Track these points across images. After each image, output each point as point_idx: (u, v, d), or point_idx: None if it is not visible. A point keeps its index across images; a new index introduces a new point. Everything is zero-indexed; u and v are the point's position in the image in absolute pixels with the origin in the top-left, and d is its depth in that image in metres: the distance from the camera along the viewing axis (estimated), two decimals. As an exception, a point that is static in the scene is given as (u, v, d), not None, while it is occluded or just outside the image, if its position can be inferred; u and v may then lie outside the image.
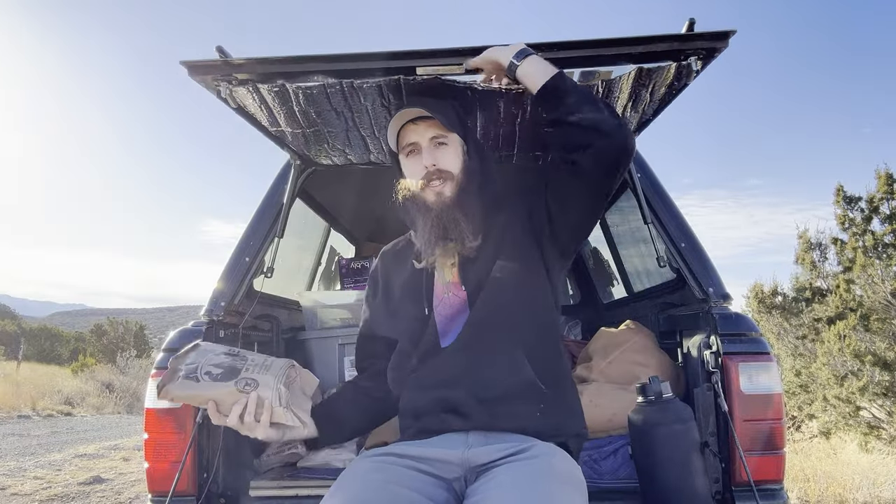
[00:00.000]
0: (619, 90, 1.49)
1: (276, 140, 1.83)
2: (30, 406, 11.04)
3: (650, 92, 1.51)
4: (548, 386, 1.31)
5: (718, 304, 1.70)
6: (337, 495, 1.12)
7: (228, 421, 1.26)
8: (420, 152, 1.40)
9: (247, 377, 1.28)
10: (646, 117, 1.69)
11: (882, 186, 5.70)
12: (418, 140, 1.40)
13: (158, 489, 1.60)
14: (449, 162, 1.40)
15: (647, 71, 1.38)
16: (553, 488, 1.09)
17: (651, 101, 1.58)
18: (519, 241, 1.41)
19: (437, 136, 1.39)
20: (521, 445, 1.23)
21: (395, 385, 1.45)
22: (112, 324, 23.77)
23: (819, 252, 6.31)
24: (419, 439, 1.31)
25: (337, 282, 3.37)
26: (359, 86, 1.43)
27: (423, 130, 1.39)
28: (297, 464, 1.83)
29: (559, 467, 1.18)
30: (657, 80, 1.44)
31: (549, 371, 1.34)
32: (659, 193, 1.93)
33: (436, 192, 1.38)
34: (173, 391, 1.26)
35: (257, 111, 1.59)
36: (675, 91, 1.51)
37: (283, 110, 1.57)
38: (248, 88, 1.44)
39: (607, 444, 1.74)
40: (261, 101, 1.51)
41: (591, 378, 1.97)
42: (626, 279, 2.95)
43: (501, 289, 1.36)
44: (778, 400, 1.56)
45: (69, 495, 4.61)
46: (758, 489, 1.48)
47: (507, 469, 1.17)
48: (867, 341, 5.29)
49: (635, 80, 1.44)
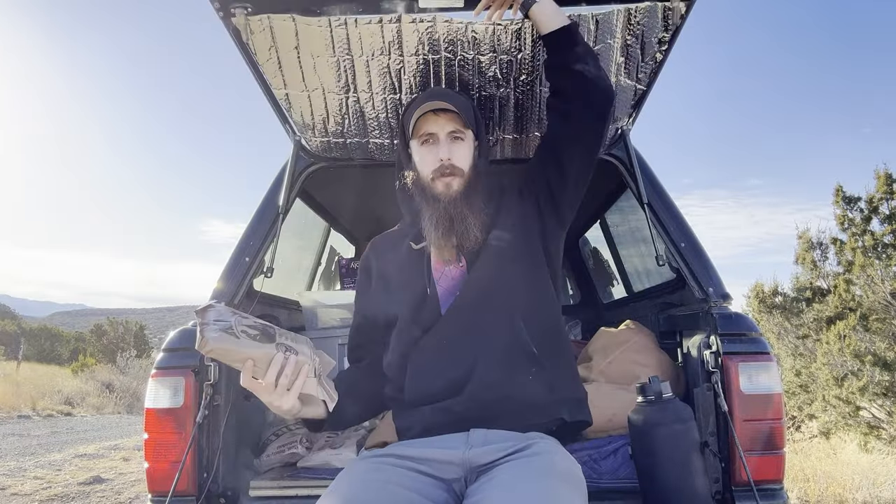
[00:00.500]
0: (613, 38, 1.54)
1: (280, 111, 1.88)
2: (30, 406, 11.04)
3: (641, 46, 1.58)
4: (543, 353, 1.35)
5: (718, 304, 1.70)
6: (334, 495, 1.12)
7: (265, 380, 1.17)
8: (437, 143, 1.44)
9: (284, 343, 1.23)
10: (640, 88, 1.73)
11: (881, 186, 5.71)
12: (437, 131, 1.44)
13: (158, 489, 1.60)
14: (462, 158, 1.45)
15: (634, 14, 1.48)
16: (553, 487, 1.09)
17: (643, 61, 1.63)
18: (517, 212, 1.48)
19: (455, 131, 1.44)
20: (522, 444, 1.23)
21: (396, 362, 1.42)
22: (112, 324, 23.77)
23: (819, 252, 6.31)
24: (420, 438, 1.31)
25: (337, 282, 3.37)
26: (363, 26, 1.51)
27: (444, 123, 1.43)
28: (297, 464, 1.83)
29: (559, 465, 1.18)
30: (646, 28, 1.51)
31: (545, 340, 1.38)
32: (659, 193, 1.93)
33: (445, 184, 1.43)
34: (212, 343, 1.15)
35: (267, 61, 1.64)
36: (664, 47, 1.57)
37: (291, 56, 1.62)
38: (261, 20, 1.50)
39: (607, 443, 1.74)
40: (271, 41, 1.57)
41: (591, 378, 1.97)
42: (626, 279, 2.95)
43: (499, 254, 1.41)
44: (778, 400, 1.56)
45: (69, 495, 4.61)
46: (758, 489, 1.48)
47: (508, 468, 1.17)
48: (867, 341, 5.29)
49: (624, 28, 1.51)
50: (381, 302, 1.51)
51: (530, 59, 1.63)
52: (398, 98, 1.76)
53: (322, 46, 1.59)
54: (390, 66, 1.65)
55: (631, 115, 1.90)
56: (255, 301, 1.93)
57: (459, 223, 1.40)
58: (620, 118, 1.90)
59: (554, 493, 1.07)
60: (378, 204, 3.10)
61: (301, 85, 1.74)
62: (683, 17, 1.48)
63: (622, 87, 1.72)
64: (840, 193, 5.97)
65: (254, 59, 1.65)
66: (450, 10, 1.48)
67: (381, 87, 1.73)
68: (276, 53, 1.62)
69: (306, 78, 1.71)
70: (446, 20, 1.52)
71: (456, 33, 1.55)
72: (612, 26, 1.51)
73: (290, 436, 1.92)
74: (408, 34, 1.54)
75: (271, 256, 1.94)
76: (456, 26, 1.53)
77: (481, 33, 1.54)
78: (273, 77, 1.72)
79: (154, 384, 1.64)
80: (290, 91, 1.77)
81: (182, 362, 1.65)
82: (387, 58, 1.62)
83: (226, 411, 1.68)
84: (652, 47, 1.58)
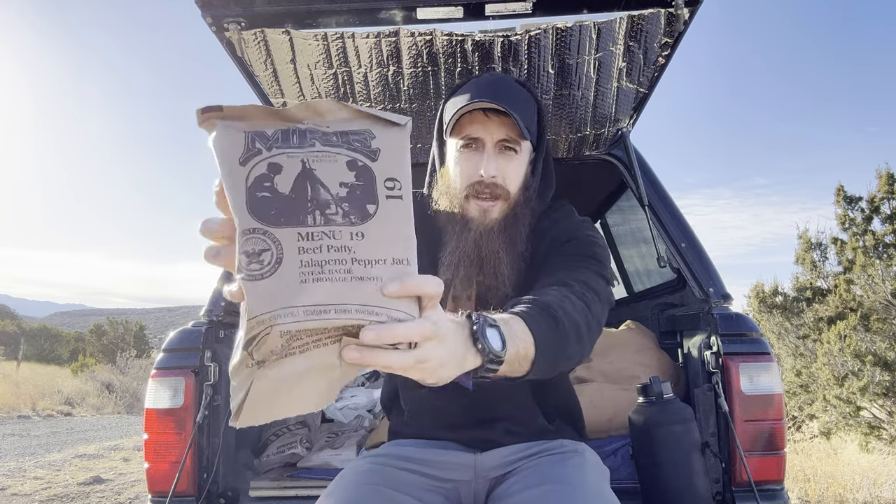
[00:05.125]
0: (615, 45, 1.52)
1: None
2: (29, 406, 11.04)
3: (643, 51, 1.55)
4: (552, 422, 1.23)
5: (719, 305, 1.70)
6: (331, 498, 1.07)
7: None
8: (481, 151, 1.12)
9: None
10: (642, 91, 1.72)
11: (883, 186, 5.70)
12: (484, 137, 1.12)
13: (158, 489, 1.60)
14: (511, 177, 1.13)
15: (637, 20, 1.43)
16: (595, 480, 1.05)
17: (645, 66, 1.61)
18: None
19: (506, 140, 1.12)
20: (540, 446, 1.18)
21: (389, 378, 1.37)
22: (112, 324, 23.77)
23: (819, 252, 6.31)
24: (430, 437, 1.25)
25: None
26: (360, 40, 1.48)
27: (495, 128, 1.11)
28: (297, 464, 1.82)
29: (591, 459, 1.14)
30: (648, 33, 1.48)
31: (557, 408, 1.25)
32: (659, 193, 1.93)
33: (482, 209, 1.12)
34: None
35: (262, 70, 1.62)
36: (667, 52, 1.55)
37: (287, 68, 1.60)
38: (255, 34, 1.47)
39: (607, 444, 1.74)
40: (266, 54, 1.54)
41: (591, 378, 1.97)
42: (627, 279, 2.95)
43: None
44: (778, 400, 1.56)
45: (69, 495, 4.60)
46: (758, 489, 1.48)
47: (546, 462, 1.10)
48: (867, 341, 5.29)
49: (627, 34, 1.48)
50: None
51: (532, 71, 1.61)
52: (398, 106, 1.76)
53: (319, 59, 1.57)
54: (389, 77, 1.64)
55: (631, 117, 1.90)
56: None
57: (489, 266, 1.11)
58: (621, 119, 1.90)
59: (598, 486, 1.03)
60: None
61: (299, 95, 1.73)
62: (687, 23, 1.45)
63: (623, 90, 1.71)
64: (841, 193, 5.97)
65: (249, 69, 1.64)
66: (449, 20, 1.42)
67: (381, 97, 1.72)
68: (272, 65, 1.61)
69: (304, 88, 1.70)
70: (446, 34, 1.48)
71: (456, 46, 1.51)
72: (614, 34, 1.50)
73: (290, 436, 1.92)
74: (406, 47, 1.52)
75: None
76: (456, 38, 1.49)
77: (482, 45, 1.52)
78: (269, 87, 1.71)
79: (154, 384, 1.64)
80: (288, 100, 1.76)
81: (182, 362, 1.65)
82: (385, 70, 1.60)
83: (226, 411, 1.68)
84: (654, 52, 1.57)
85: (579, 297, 0.95)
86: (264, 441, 1.94)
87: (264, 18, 1.44)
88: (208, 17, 1.43)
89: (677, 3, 1.37)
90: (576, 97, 1.70)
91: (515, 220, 1.13)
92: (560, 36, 1.48)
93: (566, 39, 1.49)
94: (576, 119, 1.80)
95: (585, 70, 1.60)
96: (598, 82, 1.65)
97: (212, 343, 1.69)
